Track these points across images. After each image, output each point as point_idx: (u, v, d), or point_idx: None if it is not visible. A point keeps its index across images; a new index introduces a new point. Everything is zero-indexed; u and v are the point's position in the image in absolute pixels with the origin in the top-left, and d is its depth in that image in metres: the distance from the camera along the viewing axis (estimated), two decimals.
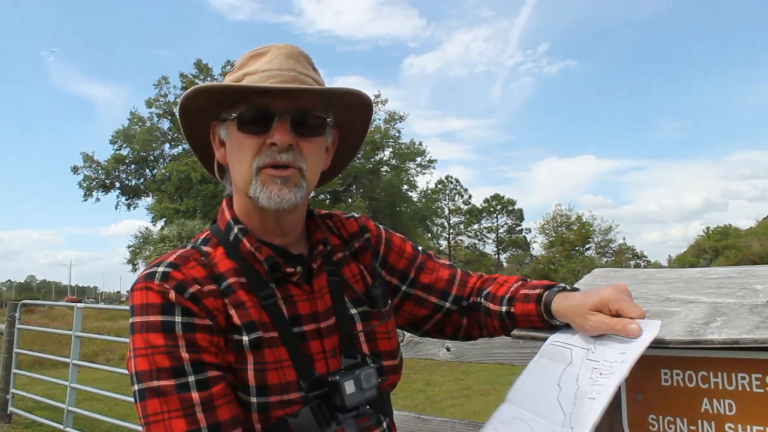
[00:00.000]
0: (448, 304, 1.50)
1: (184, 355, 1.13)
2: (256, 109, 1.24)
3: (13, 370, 8.25)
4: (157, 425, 1.11)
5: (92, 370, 9.70)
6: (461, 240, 75.42)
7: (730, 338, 1.09)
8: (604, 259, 60.77)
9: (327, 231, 1.44)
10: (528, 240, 74.51)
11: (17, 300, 9.04)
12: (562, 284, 1.37)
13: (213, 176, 1.46)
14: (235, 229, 1.31)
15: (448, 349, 2.05)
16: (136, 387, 1.14)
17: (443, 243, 72.55)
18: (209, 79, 41.55)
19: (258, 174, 1.24)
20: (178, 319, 1.15)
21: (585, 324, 1.22)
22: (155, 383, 1.12)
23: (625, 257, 62.95)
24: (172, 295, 1.16)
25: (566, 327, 1.30)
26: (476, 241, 75.62)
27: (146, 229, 43.09)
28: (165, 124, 46.55)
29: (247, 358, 1.19)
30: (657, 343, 1.12)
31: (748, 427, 1.14)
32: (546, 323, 1.33)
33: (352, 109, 1.38)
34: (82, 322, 7.57)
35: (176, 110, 1.36)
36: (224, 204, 1.37)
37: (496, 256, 74.75)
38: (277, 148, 1.23)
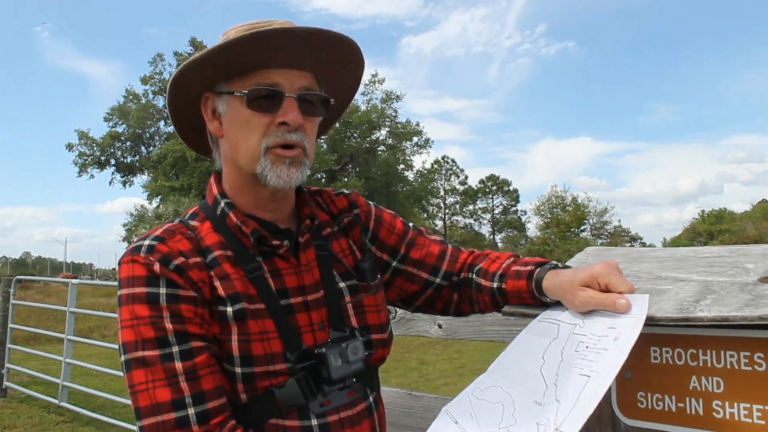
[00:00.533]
0: (438, 280, 1.50)
1: (168, 325, 1.15)
2: (267, 85, 1.24)
3: (8, 345, 8.29)
4: (142, 394, 1.12)
5: (87, 345, 9.72)
6: (457, 220, 75.53)
7: (719, 316, 1.09)
8: (599, 241, 60.86)
9: (316, 207, 1.44)
10: (523, 221, 74.60)
11: (12, 276, 9.05)
12: (554, 261, 1.37)
13: (193, 149, 1.47)
14: (222, 203, 1.31)
15: (440, 326, 2.06)
16: (123, 358, 1.16)
17: (439, 223, 72.59)
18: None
19: (266, 153, 1.24)
20: (162, 290, 1.16)
21: (575, 299, 1.22)
22: (140, 353, 1.14)
23: (621, 239, 63.10)
24: (157, 267, 1.17)
25: (557, 304, 1.30)
26: (472, 222, 75.78)
27: (141, 206, 43.10)
28: (160, 102, 46.14)
29: (231, 329, 1.20)
30: (647, 321, 1.12)
31: (736, 404, 1.15)
32: (537, 300, 1.33)
33: (344, 64, 1.37)
34: (77, 299, 7.59)
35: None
36: (212, 179, 1.38)
37: (492, 237, 74.87)
38: (287, 128, 1.23)
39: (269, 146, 1.24)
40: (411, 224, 1.56)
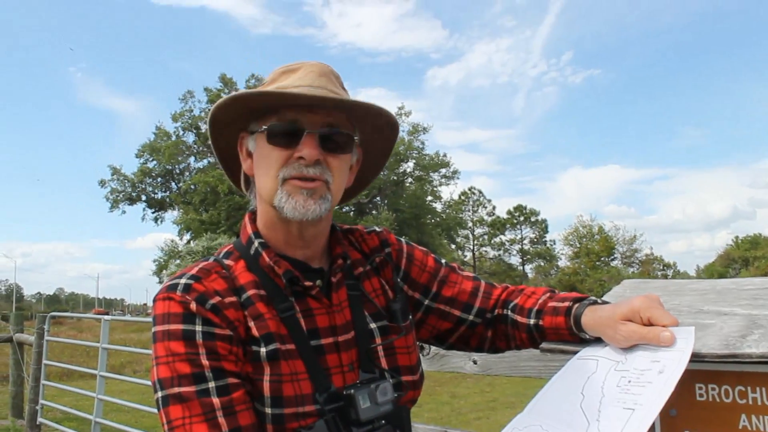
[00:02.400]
0: (471, 317, 1.48)
1: (205, 362, 1.15)
2: (286, 122, 1.26)
3: (42, 381, 8.34)
4: (179, 430, 1.12)
5: (119, 381, 9.74)
6: (485, 251, 75.15)
7: None
8: (630, 270, 60.11)
9: (348, 246, 1.44)
10: (553, 251, 73.90)
11: (46, 312, 9.16)
12: (593, 297, 1.35)
13: (239, 188, 1.48)
14: (256, 243, 1.32)
15: (474, 362, 2.02)
16: (159, 394, 1.16)
17: (468, 254, 72.33)
18: (234, 92, 41.53)
19: (283, 184, 1.26)
20: (198, 328, 1.17)
21: (616, 334, 1.19)
22: (176, 390, 1.14)
23: (652, 267, 62.21)
24: (194, 306, 1.18)
25: (597, 341, 1.27)
26: (500, 253, 75.27)
27: (172, 241, 43.58)
28: (190, 138, 47.03)
29: (264, 369, 1.20)
30: (692, 357, 1.09)
31: None
32: (575, 336, 1.30)
33: (378, 129, 1.40)
34: (109, 334, 7.64)
35: (202, 123, 1.38)
36: (247, 218, 1.39)
37: (522, 268, 74.29)
38: (304, 162, 1.24)
39: (286, 177, 1.26)
40: (443, 261, 1.55)
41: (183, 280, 1.22)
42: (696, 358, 1.10)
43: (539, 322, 1.36)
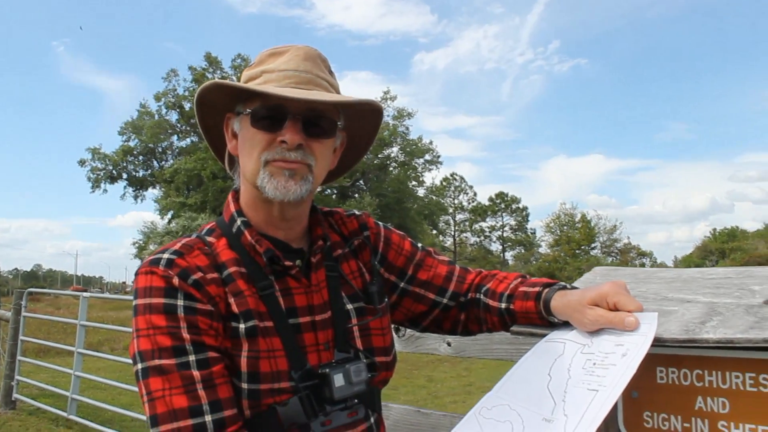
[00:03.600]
0: (445, 300, 1.51)
1: (186, 335, 1.17)
2: (270, 107, 1.27)
3: (18, 358, 8.31)
4: (159, 401, 1.14)
5: (96, 359, 9.76)
6: (466, 237, 75.37)
7: (724, 338, 1.10)
8: (610, 259, 60.68)
9: (328, 228, 1.46)
10: (533, 239, 74.24)
11: (23, 288, 9.10)
12: (563, 282, 1.39)
13: (223, 166, 1.50)
14: (239, 221, 1.34)
15: (449, 344, 2.07)
16: (139, 366, 1.17)
17: (449, 240, 72.52)
18: (219, 72, 41.76)
19: (266, 165, 1.27)
20: (180, 302, 1.19)
21: (583, 318, 1.23)
22: (157, 362, 1.15)
23: (630, 256, 62.81)
24: (176, 280, 1.20)
25: (565, 325, 1.31)
26: (481, 239, 75.53)
27: (152, 223, 43.19)
28: (173, 117, 46.58)
29: (242, 345, 1.22)
30: (654, 341, 1.14)
31: (741, 425, 1.15)
32: (544, 320, 1.34)
33: (362, 114, 1.42)
34: (87, 312, 7.62)
35: (186, 102, 1.40)
36: (230, 197, 1.41)
37: (502, 254, 74.62)
38: (287, 146, 1.26)
39: (268, 160, 1.27)
40: (420, 245, 1.58)
41: (166, 255, 1.23)
42: (658, 342, 1.15)
43: (510, 306, 1.40)
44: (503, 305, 1.41)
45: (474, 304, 1.50)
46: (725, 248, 62.19)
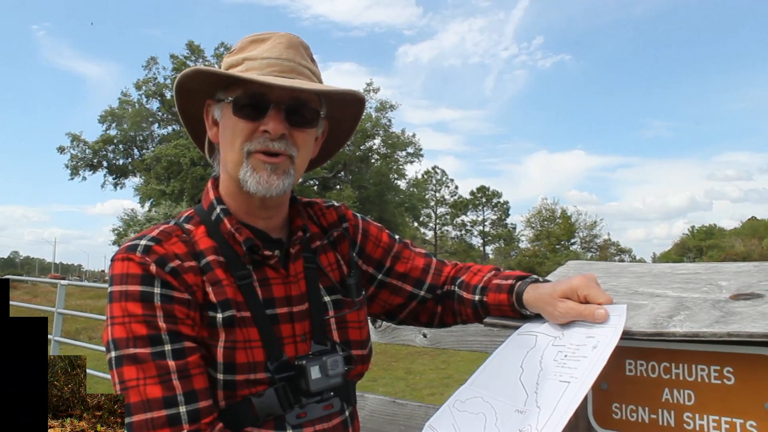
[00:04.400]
0: (422, 293, 1.53)
1: (162, 324, 1.16)
2: (253, 95, 1.26)
3: None
4: (133, 391, 1.12)
5: (74, 347, 9.68)
6: (447, 231, 75.50)
7: (691, 331, 1.13)
8: (589, 254, 61.14)
9: (308, 219, 1.46)
10: (514, 233, 74.54)
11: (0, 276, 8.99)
12: (535, 276, 1.41)
13: (203, 153, 1.49)
14: (218, 209, 1.33)
15: (424, 336, 2.09)
16: (113, 354, 1.16)
17: (430, 233, 72.60)
18: (201, 60, 41.26)
19: (248, 158, 1.26)
20: (157, 290, 1.17)
21: (555, 311, 1.26)
22: (132, 350, 1.14)
23: (610, 252, 63.34)
24: (153, 267, 1.18)
25: (537, 317, 1.34)
26: (462, 233, 75.70)
27: (132, 210, 42.80)
28: (154, 105, 46.10)
29: (219, 335, 1.21)
30: (623, 335, 1.16)
31: (706, 416, 1.18)
32: (517, 313, 1.36)
33: (345, 104, 1.41)
34: (65, 300, 7.56)
35: (167, 91, 1.39)
36: (209, 184, 1.39)
37: (482, 248, 74.84)
38: (269, 135, 1.25)
39: (251, 151, 1.26)
40: (397, 237, 1.59)
41: (143, 242, 1.22)
42: (627, 335, 1.18)
43: (483, 298, 1.41)
44: (477, 297, 1.43)
45: (449, 296, 1.52)
46: (703, 246, 62.96)
